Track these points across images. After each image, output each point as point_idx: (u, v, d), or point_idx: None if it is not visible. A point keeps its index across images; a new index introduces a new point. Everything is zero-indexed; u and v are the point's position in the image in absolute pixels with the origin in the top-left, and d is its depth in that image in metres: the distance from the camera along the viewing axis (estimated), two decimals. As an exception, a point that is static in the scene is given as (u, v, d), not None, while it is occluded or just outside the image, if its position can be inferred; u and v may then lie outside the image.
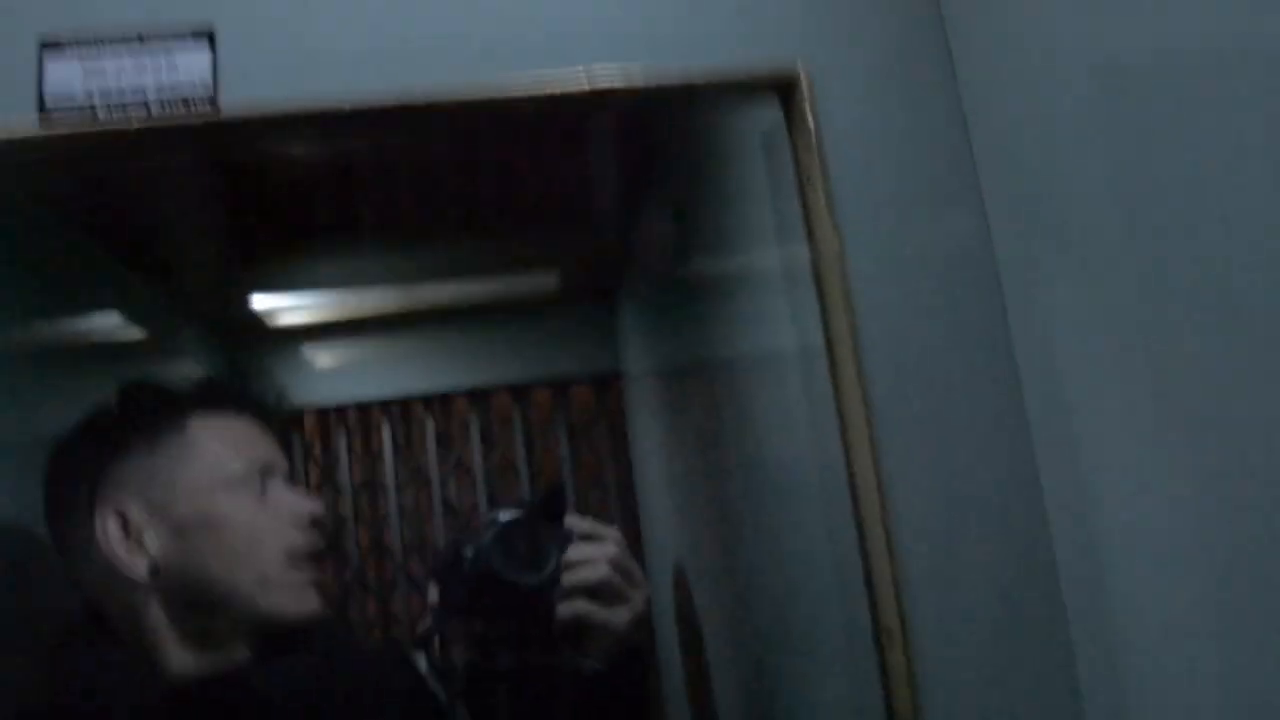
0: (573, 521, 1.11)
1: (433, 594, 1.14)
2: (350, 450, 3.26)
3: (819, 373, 0.99)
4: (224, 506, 1.08)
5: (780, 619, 1.38)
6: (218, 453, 1.10)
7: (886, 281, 0.92)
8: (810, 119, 0.97)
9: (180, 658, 1.06)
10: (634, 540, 1.14)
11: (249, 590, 1.06)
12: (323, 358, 3.17)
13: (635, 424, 3.00)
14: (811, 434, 1.10)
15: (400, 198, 2.15)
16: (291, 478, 1.16)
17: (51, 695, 1.03)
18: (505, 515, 1.09)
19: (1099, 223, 0.73)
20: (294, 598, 1.08)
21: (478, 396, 3.25)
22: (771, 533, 1.37)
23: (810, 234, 0.98)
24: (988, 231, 0.86)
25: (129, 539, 1.07)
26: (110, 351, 2.10)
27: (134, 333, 2.24)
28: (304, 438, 3.23)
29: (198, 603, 1.06)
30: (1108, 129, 0.71)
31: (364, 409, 3.25)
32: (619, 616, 1.08)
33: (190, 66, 1.09)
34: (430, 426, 3.26)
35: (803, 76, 0.98)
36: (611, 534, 1.11)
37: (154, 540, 1.06)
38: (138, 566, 1.06)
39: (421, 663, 1.19)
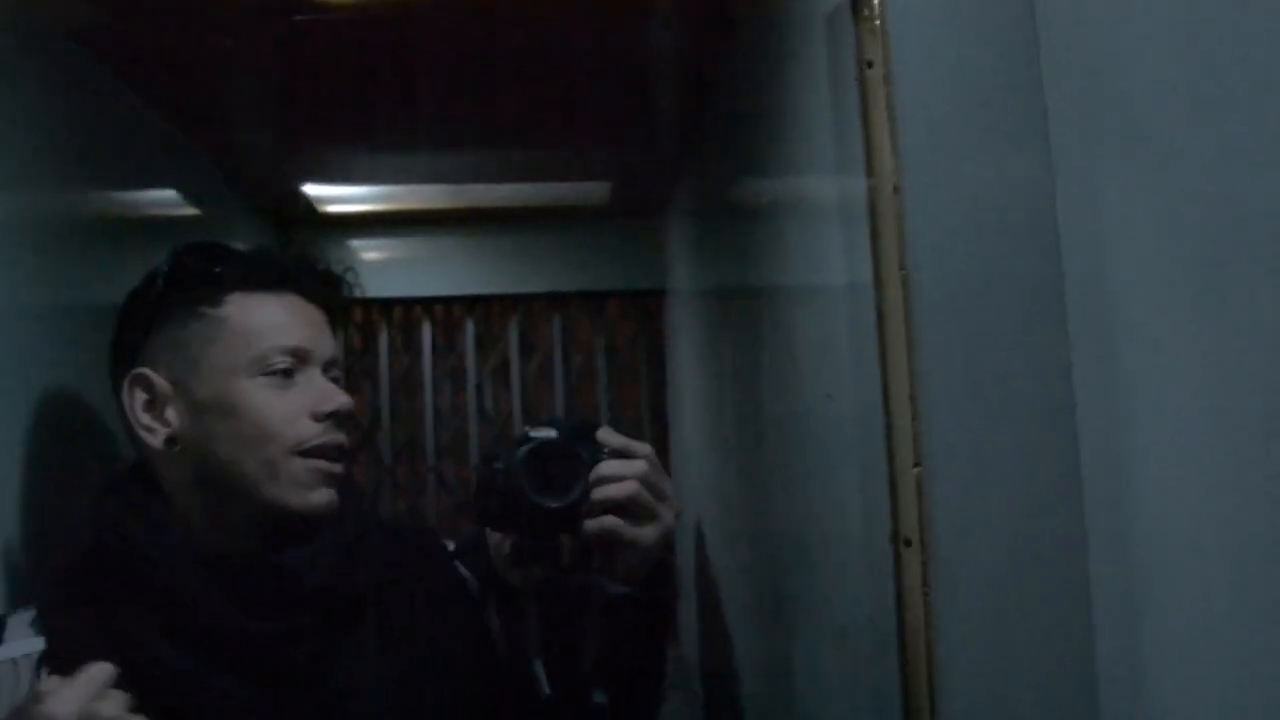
0: (605, 436, 1.11)
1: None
2: (391, 346, 3.30)
3: (864, 310, 0.99)
4: (240, 391, 1.07)
5: (799, 536, 1.39)
6: (246, 334, 1.08)
7: (942, 221, 0.90)
8: (879, 38, 0.96)
9: (203, 531, 1.08)
10: (663, 456, 1.14)
11: (255, 477, 1.06)
12: (369, 251, 3.19)
13: (674, 343, 3.01)
14: (852, 372, 1.10)
15: (459, 97, 2.14)
16: (333, 366, 1.14)
17: (94, 535, 1.07)
18: (538, 433, 1.10)
19: (1172, 165, 0.72)
20: (300, 489, 1.07)
21: (520, 302, 3.27)
22: (802, 466, 1.38)
23: (869, 165, 0.97)
24: (1052, 179, 0.84)
25: (152, 409, 1.09)
26: (164, 227, 2.13)
27: (188, 210, 2.27)
28: (346, 329, 3.26)
29: (209, 483, 1.07)
30: (1195, 75, 0.70)
31: (406, 305, 3.28)
32: (647, 534, 1.08)
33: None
34: (470, 329, 3.29)
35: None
36: (643, 450, 1.10)
37: (174, 414, 1.08)
38: (156, 436, 1.08)
39: (463, 570, 1.22)
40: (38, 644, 1.03)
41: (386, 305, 3.27)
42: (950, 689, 0.82)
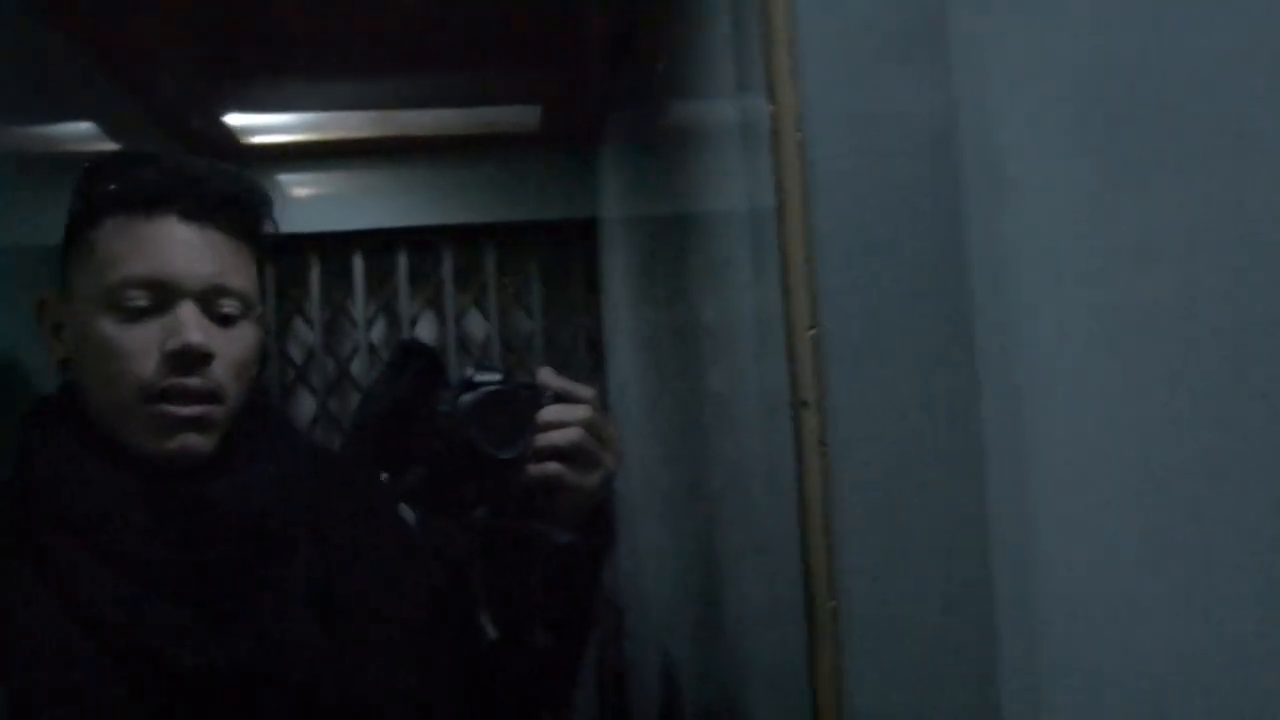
0: (547, 378, 1.10)
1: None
2: (323, 281, 3.25)
3: (769, 235, 0.99)
4: (94, 325, 0.99)
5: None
6: (104, 263, 0.99)
7: (844, 147, 0.92)
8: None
9: (119, 459, 1.02)
10: (598, 385, 1.13)
11: (110, 419, 1.01)
12: (296, 185, 3.14)
13: (609, 272, 3.01)
14: (755, 296, 1.12)
15: (382, 21, 2.10)
16: (224, 296, 1.02)
17: (15, 461, 1.05)
18: (482, 376, 1.08)
19: (1080, 95, 0.74)
20: (152, 435, 1.00)
21: (453, 233, 3.24)
22: (708, 390, 1.40)
23: (771, 88, 0.97)
24: (954, 108, 0.87)
25: (49, 330, 1.05)
26: (81, 162, 2.08)
27: (106, 144, 2.22)
28: (274, 264, 3.22)
29: (94, 412, 1.03)
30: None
31: (337, 239, 3.23)
32: (590, 480, 1.08)
33: None
34: (403, 261, 3.25)
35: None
36: (586, 394, 1.09)
37: (68, 336, 1.04)
38: (55, 355, 1.05)
39: (405, 512, 1.22)
40: None
41: (317, 239, 3.22)
42: (848, 546, 0.85)
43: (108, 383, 1.00)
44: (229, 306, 1.03)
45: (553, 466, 1.06)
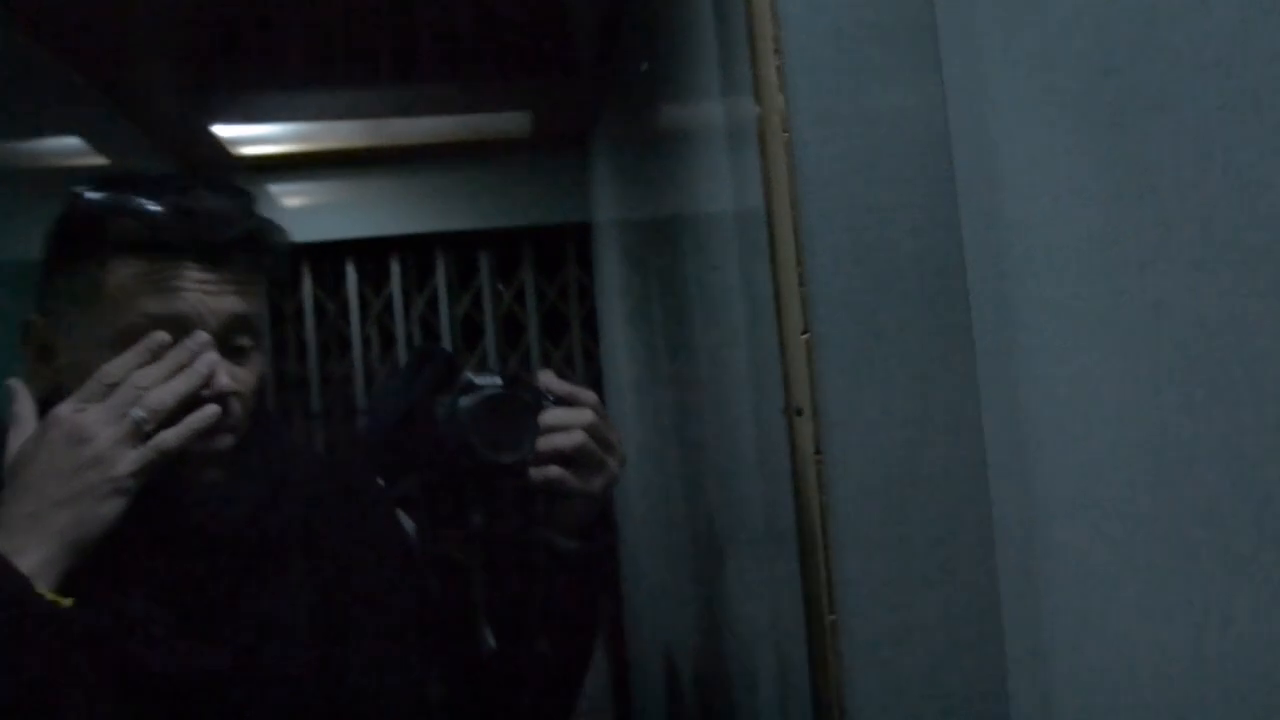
0: (549, 381, 1.07)
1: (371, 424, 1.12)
2: (315, 290, 3.24)
3: (759, 238, 0.97)
4: (96, 363, 0.96)
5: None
6: (120, 303, 0.97)
7: (832, 146, 0.90)
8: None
9: None
10: (596, 389, 1.11)
11: None
12: (287, 195, 3.12)
13: (602, 276, 3.00)
14: (746, 301, 1.10)
15: (372, 31, 2.09)
16: (239, 333, 1.00)
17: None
18: (482, 380, 1.07)
19: (1074, 89, 0.73)
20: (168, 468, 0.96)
21: (446, 240, 3.23)
22: (704, 403, 1.39)
23: (757, 90, 0.95)
24: (945, 105, 0.85)
25: (34, 353, 1.01)
26: (71, 177, 2.06)
27: (94, 159, 2.20)
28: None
29: None
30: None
31: (329, 248, 3.21)
32: (593, 484, 1.06)
33: None
34: (396, 269, 3.24)
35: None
36: (589, 398, 1.07)
37: (63, 366, 1.00)
38: (39, 379, 1.02)
39: (403, 519, 1.20)
40: None
41: (309, 249, 3.21)
42: (846, 558, 0.83)
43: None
44: (243, 340, 1.02)
45: (555, 470, 1.05)
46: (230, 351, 1.01)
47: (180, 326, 0.98)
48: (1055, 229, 0.74)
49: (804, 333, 0.83)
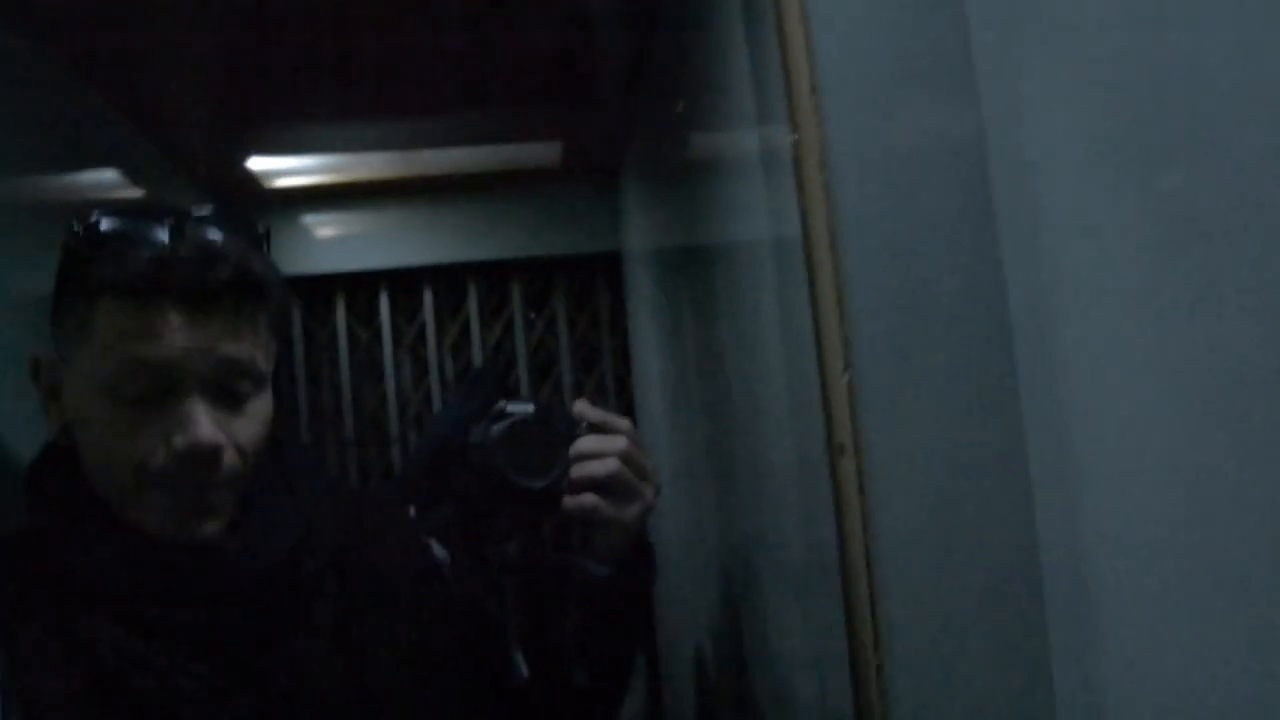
0: (582, 409, 1.06)
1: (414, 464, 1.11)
2: (349, 321, 3.25)
3: (796, 268, 0.95)
4: (95, 405, 0.93)
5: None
6: (106, 346, 0.93)
7: (870, 181, 0.87)
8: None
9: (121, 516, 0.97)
10: (628, 416, 1.09)
11: (113, 494, 0.95)
12: (320, 225, 3.14)
13: (634, 306, 2.99)
14: (785, 336, 1.08)
15: (403, 63, 2.10)
16: (236, 376, 0.95)
17: (21, 510, 1.01)
18: (515, 407, 1.05)
19: (1117, 113, 0.71)
20: (156, 519, 0.94)
21: (478, 270, 3.23)
22: (743, 432, 1.37)
23: (793, 121, 0.92)
24: (984, 131, 0.83)
25: (45, 391, 0.99)
26: (106, 209, 2.07)
27: (130, 190, 2.22)
28: (301, 306, 3.22)
29: (95, 480, 0.97)
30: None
31: (362, 278, 3.23)
32: (628, 513, 1.05)
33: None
34: (429, 299, 3.25)
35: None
36: (623, 425, 1.06)
37: (69, 405, 0.98)
38: (52, 425, 1.00)
39: (436, 549, 1.18)
40: None
41: (342, 279, 3.22)
42: (892, 599, 0.80)
43: (108, 464, 0.94)
44: (240, 385, 0.96)
45: (589, 498, 1.03)
46: (227, 401, 0.95)
47: (168, 375, 0.92)
48: (1101, 270, 0.72)
49: (846, 369, 0.82)
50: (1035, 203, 0.77)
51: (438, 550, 1.17)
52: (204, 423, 0.92)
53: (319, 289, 3.22)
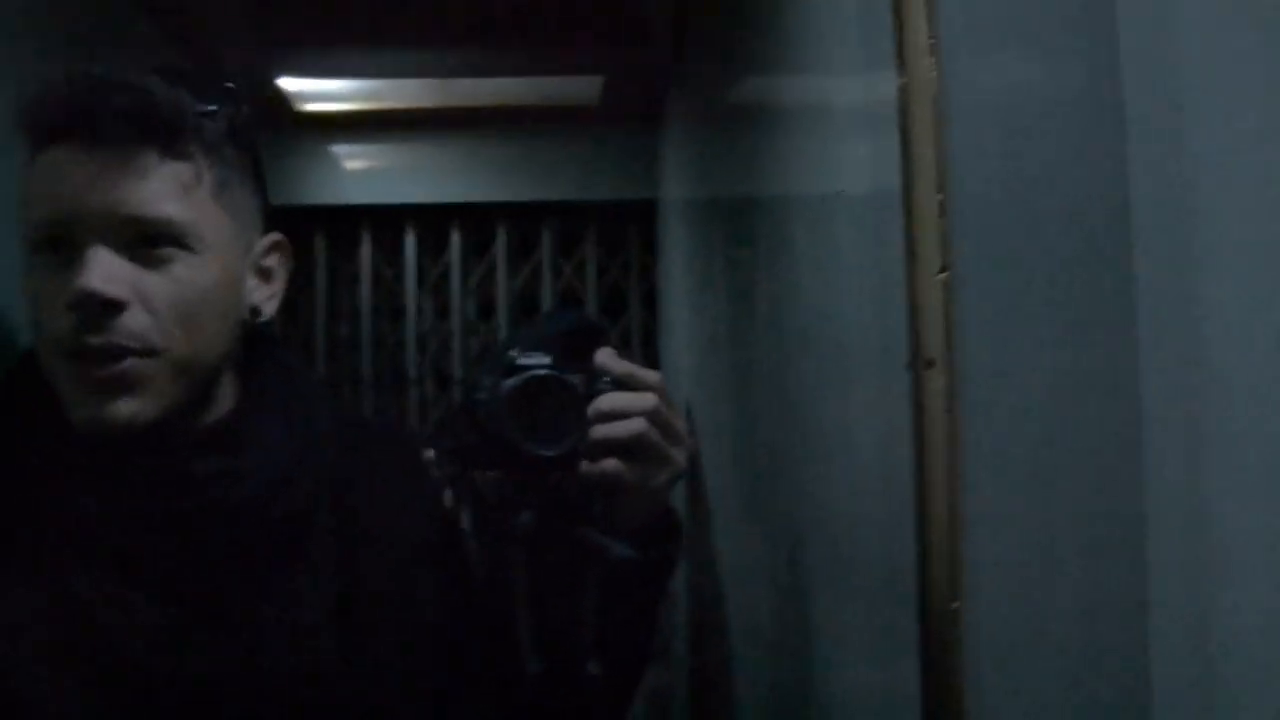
0: (606, 361, 0.94)
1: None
2: (374, 255, 3.18)
3: (889, 222, 0.84)
4: (25, 281, 0.86)
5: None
6: (26, 204, 0.85)
7: (986, 125, 0.77)
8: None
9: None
10: (653, 367, 0.97)
11: (53, 383, 0.86)
12: (351, 156, 3.07)
13: (667, 257, 2.91)
14: (874, 293, 0.97)
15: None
16: (154, 234, 0.84)
17: None
18: (527, 359, 0.94)
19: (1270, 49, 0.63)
20: (74, 400, 0.84)
21: (507, 210, 3.16)
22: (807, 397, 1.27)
23: (902, 60, 0.81)
24: (1118, 75, 0.74)
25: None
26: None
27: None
28: (325, 237, 3.16)
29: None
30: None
31: (389, 212, 3.16)
32: (655, 480, 0.93)
33: None
34: (456, 237, 3.18)
35: None
36: (652, 379, 0.94)
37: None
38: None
39: (446, 496, 1.08)
40: None
41: (369, 213, 3.15)
42: (976, 534, 0.71)
43: (39, 343, 0.86)
44: (157, 242, 0.84)
45: (611, 464, 0.91)
46: (140, 258, 0.84)
47: (66, 229, 0.83)
48: (1248, 225, 0.64)
49: (942, 272, 0.72)
50: (1176, 151, 0.68)
51: (447, 494, 1.07)
52: (95, 270, 0.81)
53: (345, 221, 3.15)
